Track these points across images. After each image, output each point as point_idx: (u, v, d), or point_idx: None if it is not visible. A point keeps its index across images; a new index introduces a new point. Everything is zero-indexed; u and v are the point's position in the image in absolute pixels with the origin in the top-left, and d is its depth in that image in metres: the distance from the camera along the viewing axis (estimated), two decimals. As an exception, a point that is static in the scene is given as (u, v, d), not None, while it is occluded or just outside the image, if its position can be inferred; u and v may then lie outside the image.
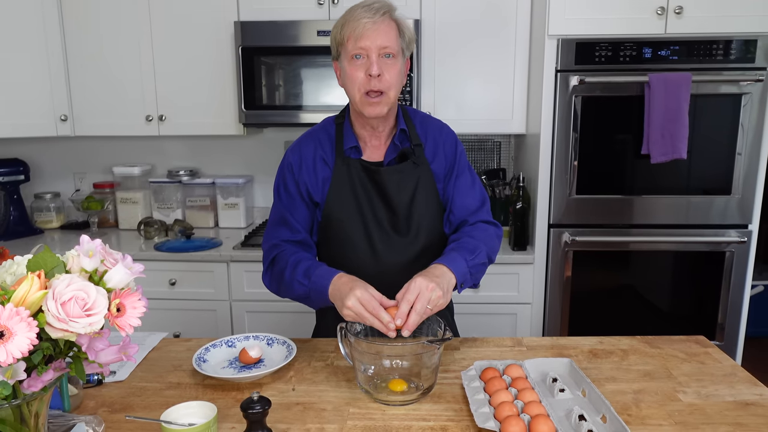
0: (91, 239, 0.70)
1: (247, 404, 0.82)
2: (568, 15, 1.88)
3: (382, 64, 1.09)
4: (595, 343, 1.21)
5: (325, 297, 1.05)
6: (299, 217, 1.20)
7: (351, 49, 1.09)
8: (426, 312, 0.99)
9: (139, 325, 0.70)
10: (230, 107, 2.19)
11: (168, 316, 2.07)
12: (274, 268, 1.17)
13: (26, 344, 0.61)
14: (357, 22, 1.08)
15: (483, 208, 1.24)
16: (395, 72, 1.11)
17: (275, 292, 1.19)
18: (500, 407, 0.88)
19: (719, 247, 1.96)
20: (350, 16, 1.10)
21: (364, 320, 0.98)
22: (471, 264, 1.10)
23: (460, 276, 1.07)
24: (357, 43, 1.08)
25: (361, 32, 1.07)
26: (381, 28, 1.08)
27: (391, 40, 1.09)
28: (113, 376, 1.06)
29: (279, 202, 1.22)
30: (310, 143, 1.21)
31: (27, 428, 0.69)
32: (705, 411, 0.93)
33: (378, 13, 1.08)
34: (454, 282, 1.06)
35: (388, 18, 1.10)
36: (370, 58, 1.09)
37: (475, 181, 1.25)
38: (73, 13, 2.16)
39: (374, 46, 1.08)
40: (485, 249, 1.15)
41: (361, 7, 1.10)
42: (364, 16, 1.08)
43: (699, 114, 1.88)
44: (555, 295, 2.02)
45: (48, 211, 2.48)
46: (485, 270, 1.17)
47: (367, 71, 1.08)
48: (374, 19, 1.07)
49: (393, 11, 1.12)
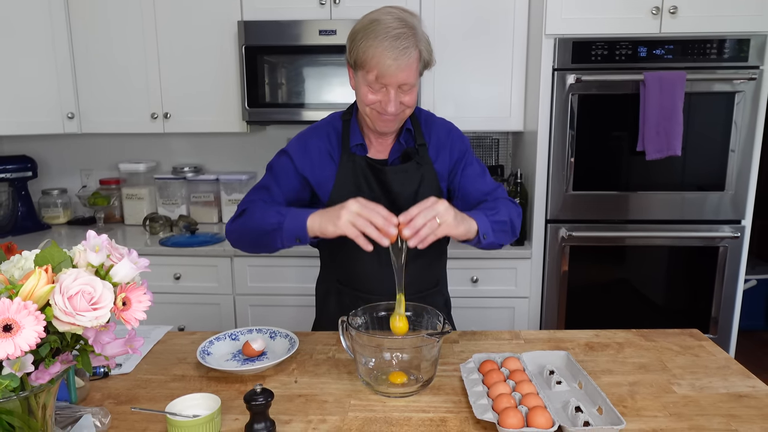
0: (98, 234, 0.71)
1: (251, 396, 0.83)
2: (564, 15, 1.89)
3: (399, 95, 1.08)
4: (591, 336, 1.23)
5: (302, 223, 1.03)
6: (285, 190, 1.19)
7: (371, 80, 1.07)
8: (433, 224, 0.97)
9: (145, 318, 0.70)
10: (234, 105, 2.21)
11: (173, 310, 2.09)
12: (242, 216, 1.16)
13: (34, 337, 0.61)
14: (381, 59, 1.03)
15: (498, 189, 1.24)
16: (411, 98, 1.10)
17: (236, 239, 1.17)
18: (498, 399, 0.89)
19: (713, 242, 1.99)
20: (375, 45, 1.03)
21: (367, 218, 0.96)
22: (492, 219, 1.10)
23: (482, 225, 1.07)
24: (378, 80, 1.06)
25: (383, 72, 1.04)
26: (404, 68, 1.04)
27: (411, 76, 1.07)
28: (119, 369, 1.07)
29: (269, 175, 1.22)
30: (316, 137, 1.21)
31: (35, 420, 0.70)
32: (699, 403, 0.95)
33: (404, 53, 1.03)
34: (474, 226, 1.06)
35: (411, 51, 1.04)
36: (388, 92, 1.07)
37: (485, 171, 1.26)
38: (79, 12, 2.18)
39: (394, 82, 1.06)
40: (505, 210, 1.15)
41: (388, 39, 1.02)
42: (389, 56, 1.02)
43: (693, 112, 1.91)
44: (552, 290, 2.04)
45: (55, 207, 2.50)
46: (509, 233, 1.15)
47: (383, 103, 1.08)
48: (399, 62, 1.03)
49: (418, 39, 1.06)
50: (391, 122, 1.13)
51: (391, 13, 1.07)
